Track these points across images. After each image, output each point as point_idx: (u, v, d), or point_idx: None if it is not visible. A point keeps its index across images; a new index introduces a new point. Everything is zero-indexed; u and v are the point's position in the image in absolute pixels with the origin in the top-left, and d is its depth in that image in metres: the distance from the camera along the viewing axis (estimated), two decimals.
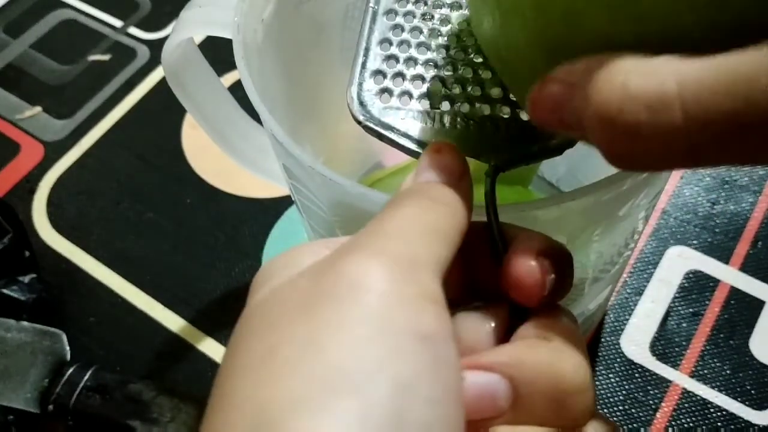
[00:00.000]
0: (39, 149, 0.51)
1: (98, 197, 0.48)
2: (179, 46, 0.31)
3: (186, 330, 0.42)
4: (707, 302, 0.41)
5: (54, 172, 0.50)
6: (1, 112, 0.53)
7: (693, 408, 0.38)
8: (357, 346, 0.15)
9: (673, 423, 0.38)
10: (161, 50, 0.32)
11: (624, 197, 0.25)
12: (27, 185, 0.49)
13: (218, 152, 0.37)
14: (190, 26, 0.30)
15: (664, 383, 0.39)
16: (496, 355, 0.18)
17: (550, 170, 0.41)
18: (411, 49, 0.23)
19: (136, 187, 0.48)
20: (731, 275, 0.42)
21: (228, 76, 0.48)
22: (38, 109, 0.53)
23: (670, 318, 0.41)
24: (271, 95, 0.29)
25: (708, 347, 0.40)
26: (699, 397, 0.38)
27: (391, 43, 0.23)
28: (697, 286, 0.42)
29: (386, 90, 0.23)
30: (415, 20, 0.24)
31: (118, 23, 0.57)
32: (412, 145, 0.22)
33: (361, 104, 0.23)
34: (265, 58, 0.29)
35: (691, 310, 0.41)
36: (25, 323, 0.39)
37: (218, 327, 0.42)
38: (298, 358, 0.15)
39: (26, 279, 0.43)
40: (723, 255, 0.43)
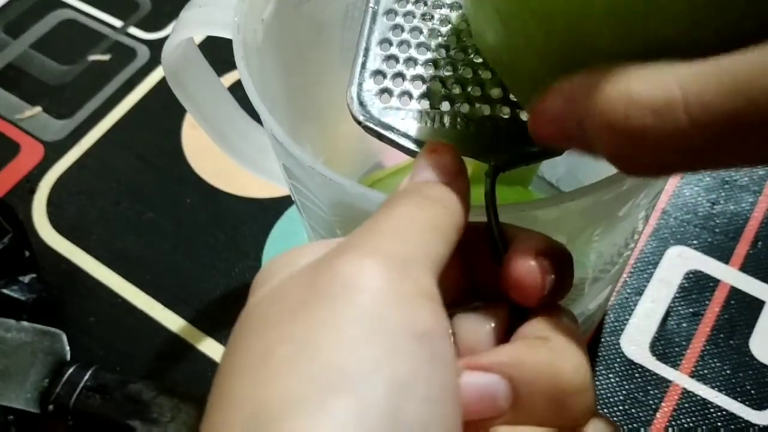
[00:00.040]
0: (39, 149, 0.51)
1: (98, 197, 0.48)
2: (179, 46, 0.31)
3: (186, 330, 0.42)
4: (707, 302, 0.41)
5: (54, 172, 0.50)
6: (1, 112, 0.53)
7: (693, 408, 0.38)
8: (353, 346, 0.15)
9: (673, 423, 0.38)
10: (161, 50, 0.32)
11: (624, 197, 0.25)
12: (27, 185, 0.49)
13: (218, 152, 0.37)
14: (190, 26, 0.30)
15: (664, 383, 0.39)
16: (496, 356, 0.18)
17: (550, 170, 0.41)
18: (411, 50, 0.23)
19: (136, 187, 0.48)
20: (731, 275, 0.42)
21: (228, 76, 0.48)
22: (38, 109, 0.53)
23: (670, 318, 0.41)
24: (271, 95, 0.29)
25: (708, 347, 0.40)
26: (699, 397, 0.38)
27: (391, 44, 0.23)
28: (697, 286, 0.42)
29: (386, 90, 0.23)
30: (415, 20, 0.24)
31: (118, 23, 0.57)
32: (412, 145, 0.22)
33: (361, 104, 0.23)
34: (265, 58, 0.29)
35: (691, 310, 0.41)
36: (25, 323, 0.39)
37: (218, 327, 0.42)
38: (296, 358, 0.15)
39: (26, 279, 0.42)
40: (723, 255, 0.43)
